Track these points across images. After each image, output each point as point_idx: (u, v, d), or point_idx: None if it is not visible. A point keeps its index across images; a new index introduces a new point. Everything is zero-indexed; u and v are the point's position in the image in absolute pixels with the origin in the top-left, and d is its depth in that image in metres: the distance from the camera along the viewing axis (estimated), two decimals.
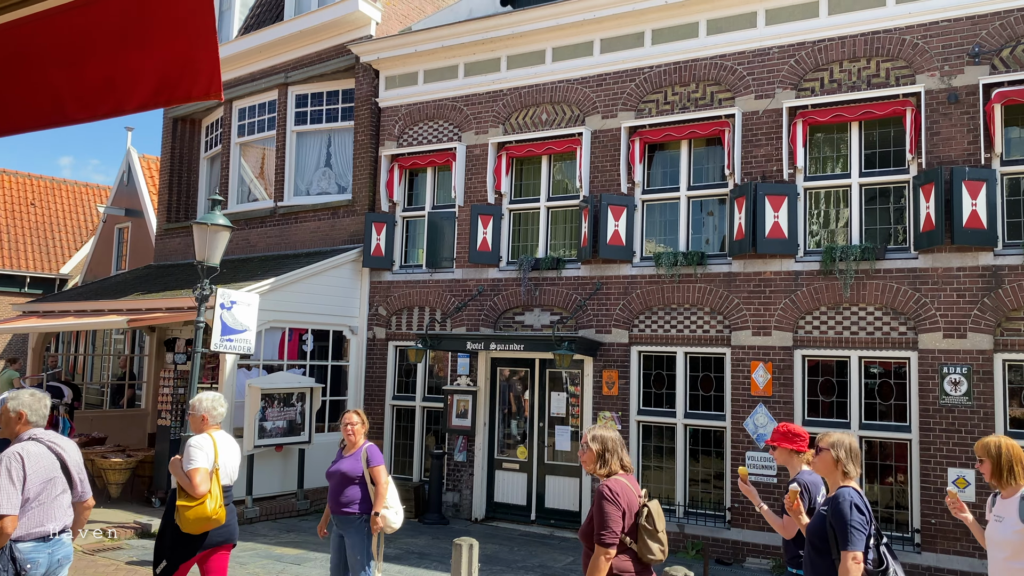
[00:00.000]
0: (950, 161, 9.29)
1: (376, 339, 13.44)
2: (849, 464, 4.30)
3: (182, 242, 16.61)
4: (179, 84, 1.91)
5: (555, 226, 12.22)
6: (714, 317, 10.61)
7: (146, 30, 1.94)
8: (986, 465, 4.53)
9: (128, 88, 2.00)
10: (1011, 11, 9.16)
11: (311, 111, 14.82)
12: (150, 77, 1.97)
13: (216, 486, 5.35)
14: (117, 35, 2.01)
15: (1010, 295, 8.89)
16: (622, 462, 4.48)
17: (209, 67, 1.85)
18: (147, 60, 1.95)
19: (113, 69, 2.01)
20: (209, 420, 5.59)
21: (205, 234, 9.97)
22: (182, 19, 1.87)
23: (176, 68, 1.91)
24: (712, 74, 10.91)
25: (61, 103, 2.14)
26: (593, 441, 4.49)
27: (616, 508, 4.24)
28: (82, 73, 2.08)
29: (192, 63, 1.88)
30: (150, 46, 1.94)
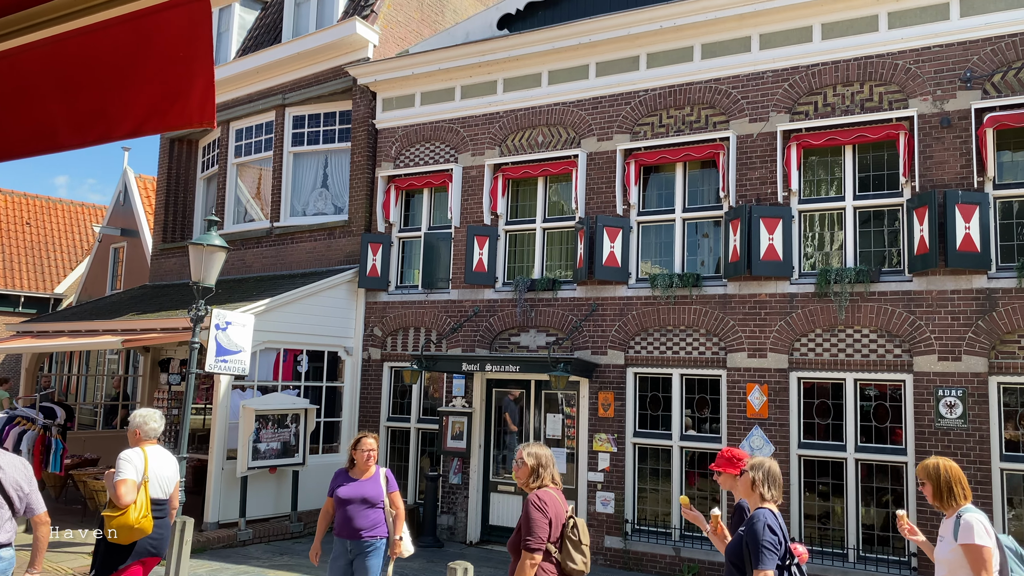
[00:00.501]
0: (943, 184, 9.35)
1: (371, 360, 13.41)
2: (767, 487, 4.49)
3: (178, 262, 16.60)
4: (170, 112, 1.91)
5: (551, 247, 12.24)
6: (710, 339, 10.62)
7: (142, 58, 1.95)
8: (928, 487, 4.63)
9: (119, 115, 2.01)
10: (1001, 37, 9.26)
11: (308, 132, 14.88)
12: (142, 104, 1.97)
13: (143, 497, 5.58)
14: (113, 63, 2.02)
15: (1004, 318, 8.92)
16: (553, 477, 4.81)
17: (203, 95, 1.86)
18: (140, 87, 1.96)
19: (107, 97, 2.02)
20: (141, 435, 5.88)
21: (201, 255, 9.97)
22: (180, 48, 1.88)
23: (169, 96, 1.91)
24: (707, 97, 10.99)
25: (54, 130, 2.14)
26: (528, 457, 4.80)
27: (543, 516, 4.53)
28: (76, 100, 2.09)
29: (186, 91, 1.88)
30: (145, 74, 1.95)
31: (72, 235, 26.66)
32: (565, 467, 11.49)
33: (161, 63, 1.92)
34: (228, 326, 10.62)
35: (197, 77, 1.86)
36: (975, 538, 4.28)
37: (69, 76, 2.10)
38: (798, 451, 9.86)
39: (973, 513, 4.40)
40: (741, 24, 10.73)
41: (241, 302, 12.03)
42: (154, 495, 5.69)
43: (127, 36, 1.98)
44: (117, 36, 2.00)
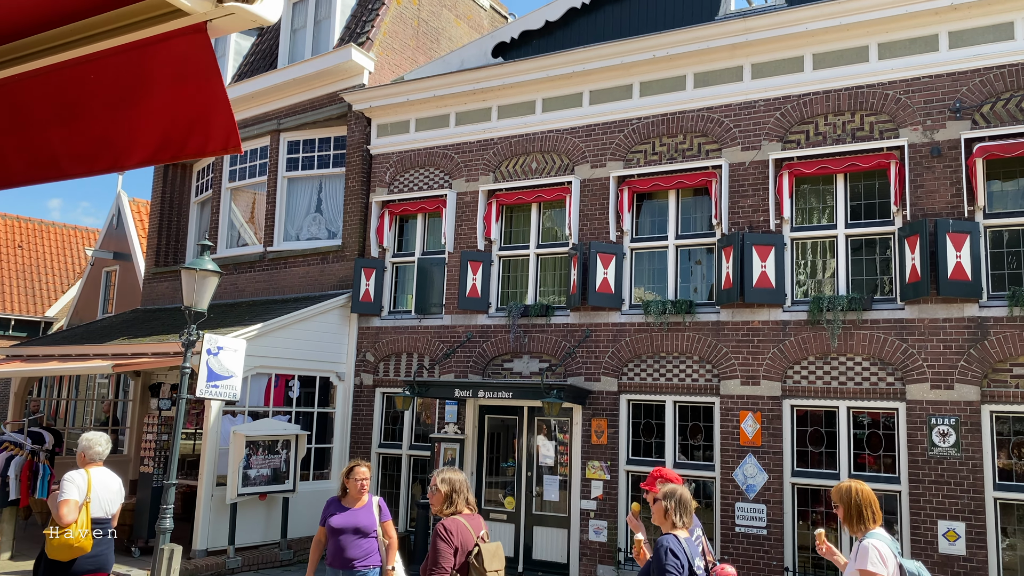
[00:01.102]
0: (934, 213, 9.41)
1: (363, 385, 13.35)
2: (678, 515, 4.73)
3: (170, 286, 16.55)
4: (189, 140, 1.92)
5: (544, 273, 12.26)
6: (703, 366, 10.61)
7: (144, 88, 1.96)
8: (840, 510, 4.71)
9: (126, 144, 2.02)
10: (990, 69, 9.38)
11: (303, 157, 14.92)
12: (151, 134, 1.98)
13: (84, 517, 5.91)
14: (113, 92, 2.03)
15: (996, 346, 8.94)
16: (467, 501, 4.91)
17: (223, 122, 1.87)
18: (147, 117, 1.97)
19: (110, 125, 2.02)
20: (87, 457, 6.28)
21: (193, 279, 9.95)
22: (184, 78, 1.89)
23: (182, 125, 1.92)
24: (699, 126, 11.08)
25: (55, 158, 2.15)
26: (442, 483, 4.89)
27: (448, 546, 4.63)
28: (77, 129, 2.09)
29: (203, 120, 1.89)
30: (150, 103, 1.95)
31: (64, 258, 26.58)
32: (558, 495, 11.41)
33: (166, 93, 1.93)
34: (220, 351, 10.57)
35: (213, 106, 1.87)
36: (868, 564, 4.41)
37: (68, 104, 2.11)
38: (791, 479, 9.82)
39: (875, 539, 4.49)
40: (733, 54, 10.84)
41: (233, 327, 11.99)
42: (96, 515, 6.03)
43: (125, 66, 1.99)
44: (115, 66, 2.01)
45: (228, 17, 1.82)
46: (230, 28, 1.87)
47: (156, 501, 11.40)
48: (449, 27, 16.49)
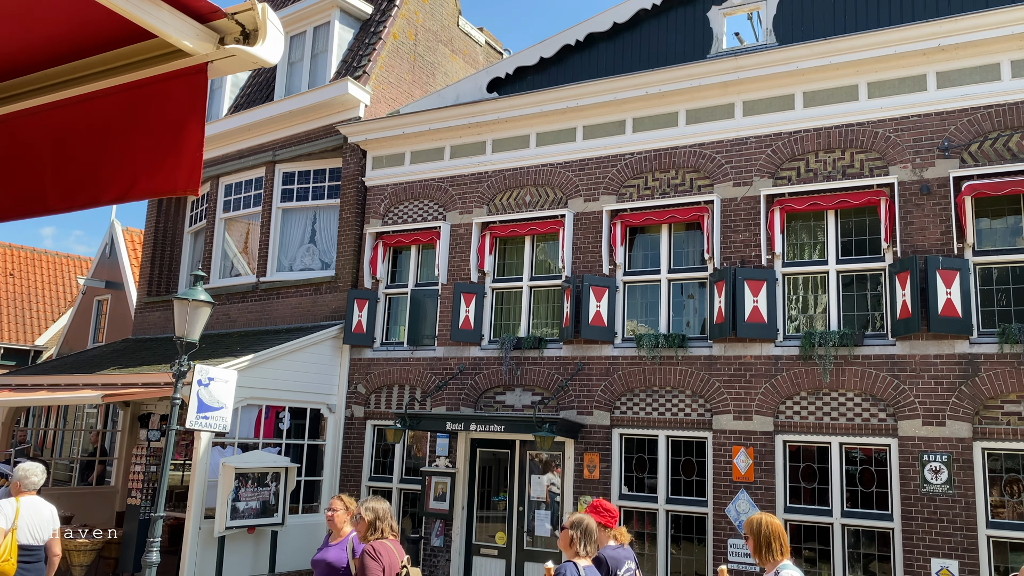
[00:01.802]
0: (924, 250, 9.49)
1: (354, 418, 13.27)
2: (582, 544, 4.90)
3: (162, 316, 16.50)
4: (156, 179, 1.93)
5: (537, 306, 12.27)
6: (695, 400, 10.60)
7: (138, 127, 1.98)
8: (751, 542, 4.78)
9: (109, 181, 2.03)
10: (977, 108, 9.53)
11: (297, 188, 14.98)
12: (130, 171, 1.99)
13: (10, 544, 6.27)
14: (109, 131, 2.05)
15: (987, 383, 8.97)
16: (392, 527, 5.17)
17: (191, 164, 1.88)
18: (131, 154, 1.98)
19: (99, 163, 2.04)
20: (21, 486, 6.63)
21: (186, 310, 9.93)
22: (174, 118, 1.91)
23: (156, 163, 1.93)
24: (691, 161, 11.18)
25: (43, 194, 2.16)
26: (366, 512, 5.15)
27: (377, 565, 4.89)
28: (68, 166, 2.11)
29: (174, 159, 1.91)
30: (138, 141, 1.97)
31: (56, 287, 26.49)
32: (549, 531, 11.32)
33: (154, 132, 1.95)
34: (211, 382, 10.51)
35: (186, 146, 1.89)
36: None
37: (64, 143, 2.13)
38: (784, 515, 9.78)
39: (788, 570, 4.57)
40: (725, 91, 10.99)
41: (224, 357, 11.94)
42: (24, 542, 6.40)
43: (124, 105, 2.01)
44: (114, 105, 2.03)
45: (229, 59, 1.85)
46: (231, 70, 1.90)
47: (143, 534, 11.26)
48: (445, 62, 16.68)
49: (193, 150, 1.87)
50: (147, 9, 1.77)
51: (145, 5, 1.77)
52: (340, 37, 15.36)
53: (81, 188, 2.08)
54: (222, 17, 1.83)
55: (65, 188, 2.12)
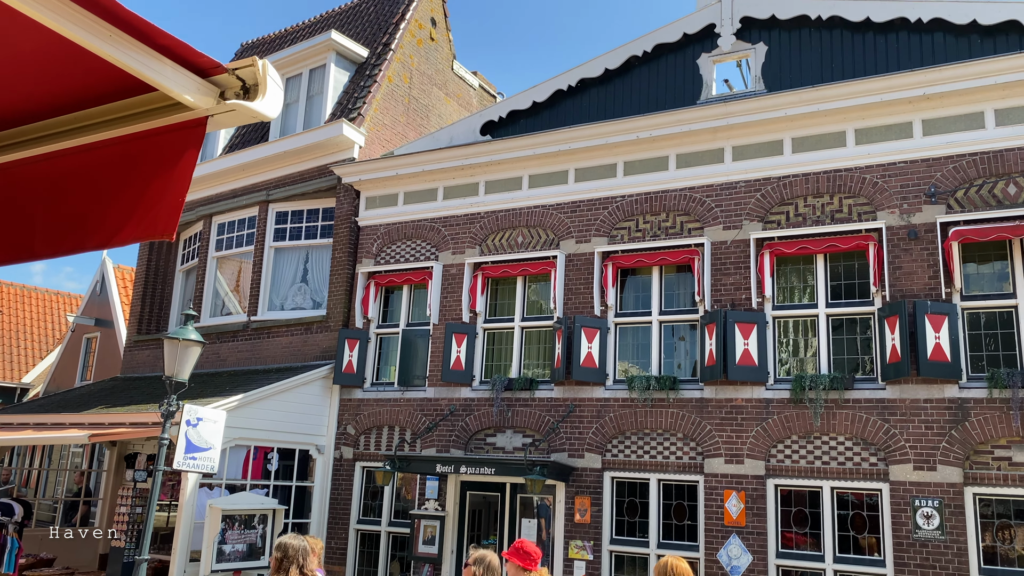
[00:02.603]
0: (913, 295, 9.57)
1: (343, 459, 13.16)
2: None
3: (151, 354, 16.41)
4: (139, 225, 1.95)
5: (529, 346, 12.27)
6: (687, 443, 10.57)
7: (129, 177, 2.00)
8: None
9: (95, 227, 2.05)
10: (963, 156, 9.69)
11: (290, 228, 15.04)
12: (117, 217, 2.01)
13: None
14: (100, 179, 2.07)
15: (977, 428, 8.99)
16: (302, 569, 5.00)
17: (170, 210, 1.91)
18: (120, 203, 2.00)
19: (88, 212, 2.06)
20: None
21: (176, 349, 9.88)
22: (166, 167, 1.94)
23: (140, 210, 1.96)
24: (681, 205, 11.30)
25: (31, 242, 2.18)
26: (276, 549, 5.05)
27: None
28: (57, 214, 2.13)
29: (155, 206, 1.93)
30: (127, 191, 1.99)
31: (45, 324, 26.34)
32: None
33: (145, 181, 1.98)
34: (199, 422, 10.43)
35: (169, 194, 1.91)
36: None
37: (57, 192, 2.15)
38: (776, 561, 9.69)
39: None
40: (714, 137, 11.15)
41: (213, 397, 11.86)
42: None
43: (120, 156, 2.04)
44: (111, 155, 2.06)
45: (229, 113, 1.89)
46: (230, 123, 1.94)
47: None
48: (439, 104, 16.88)
49: (175, 196, 1.90)
50: (150, 64, 1.81)
51: (148, 60, 1.81)
52: (336, 79, 15.55)
53: (67, 235, 2.10)
54: (223, 72, 1.88)
55: (53, 235, 2.14)
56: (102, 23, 1.74)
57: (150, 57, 1.79)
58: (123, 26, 1.76)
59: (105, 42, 1.75)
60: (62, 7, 1.67)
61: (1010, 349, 9.18)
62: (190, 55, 1.82)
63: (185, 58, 1.84)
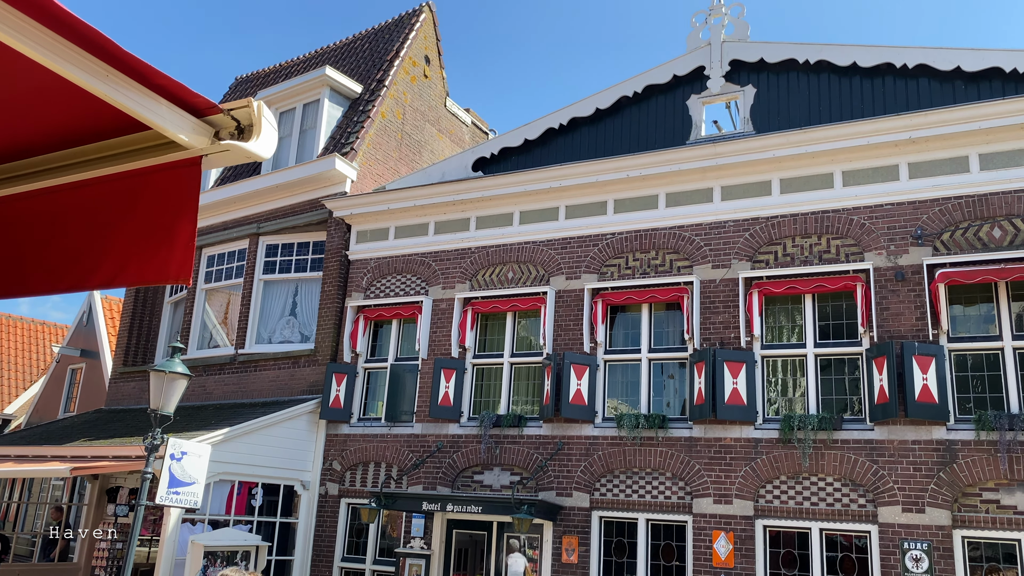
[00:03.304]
0: (900, 336, 9.62)
1: (328, 495, 13.00)
2: None
3: (137, 386, 16.26)
4: (147, 268, 1.96)
5: (518, 382, 12.23)
6: (675, 483, 10.51)
7: (127, 215, 2.01)
8: None
9: (93, 266, 2.05)
10: (948, 199, 9.81)
11: (280, 260, 15.02)
12: (118, 258, 2.02)
13: None
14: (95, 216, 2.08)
15: (964, 470, 8.98)
16: None
17: (183, 255, 1.92)
18: (120, 242, 2.01)
19: (84, 248, 2.07)
20: None
21: (162, 382, 9.80)
22: (166, 208, 1.95)
23: (148, 252, 1.96)
24: (671, 243, 11.37)
25: (26, 277, 2.17)
26: None
27: None
28: (53, 250, 2.13)
29: (167, 250, 1.94)
30: (127, 230, 2.00)
31: (29, 354, 26.09)
32: None
33: (145, 221, 1.98)
34: (183, 456, 10.31)
35: (179, 238, 1.92)
36: None
37: (50, 225, 2.15)
38: None
39: None
40: (704, 176, 11.26)
41: (199, 431, 11.73)
42: None
43: (116, 193, 2.05)
44: (106, 192, 2.07)
45: (223, 153, 1.90)
46: (225, 163, 1.95)
47: None
48: (432, 140, 17.01)
49: (185, 240, 1.91)
50: (145, 104, 1.82)
51: (143, 99, 1.83)
52: (329, 114, 15.67)
53: (65, 272, 2.10)
54: (218, 113, 1.89)
55: (49, 271, 2.14)
56: (99, 63, 1.76)
57: (146, 97, 1.81)
58: (120, 66, 1.77)
59: (102, 81, 1.76)
60: (60, 47, 1.69)
61: (997, 391, 9.22)
62: (186, 95, 1.84)
63: (181, 98, 1.86)
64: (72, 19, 1.62)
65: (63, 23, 1.63)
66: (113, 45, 1.71)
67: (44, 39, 1.66)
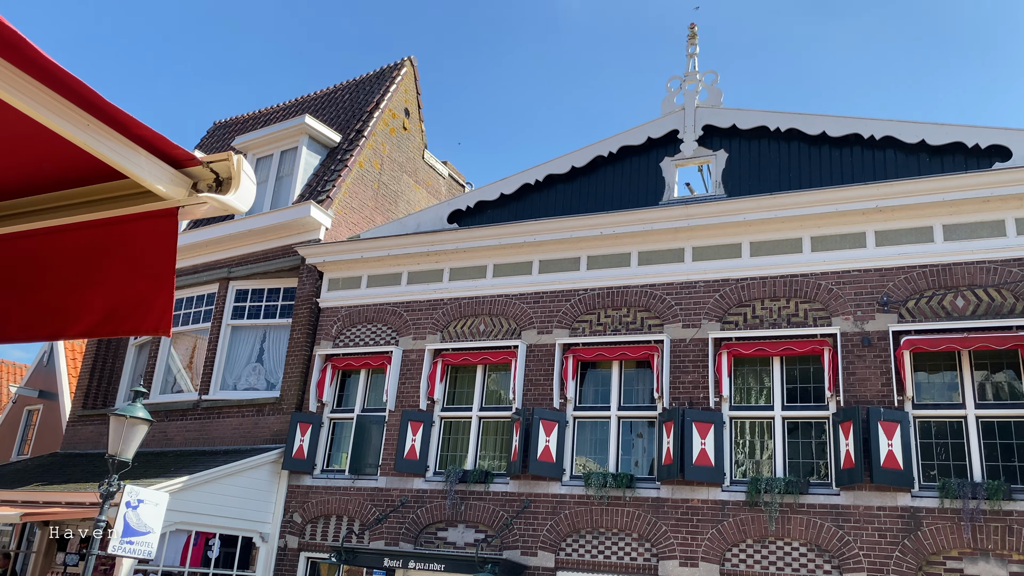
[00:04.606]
0: (866, 401, 9.70)
1: (287, 548, 12.67)
2: None
3: (95, 430, 15.85)
4: (128, 319, 1.94)
5: (486, 437, 12.11)
6: (642, 544, 10.39)
7: (105, 264, 1.99)
8: None
9: (73, 315, 2.02)
10: (913, 267, 10.03)
11: (249, 306, 14.87)
12: (98, 309, 1.99)
13: None
14: (73, 264, 2.06)
15: (929, 538, 8.99)
16: None
17: (161, 306, 1.90)
18: (101, 291, 1.99)
19: (62, 296, 2.04)
20: None
21: (122, 427, 9.57)
22: (144, 258, 1.93)
23: (128, 303, 1.94)
24: (642, 301, 11.45)
25: (4, 325, 2.13)
26: None
27: None
28: (32, 298, 2.10)
29: (145, 302, 1.92)
30: (107, 279, 1.98)
31: None
32: None
33: (124, 271, 1.96)
34: (140, 504, 10.02)
35: (159, 290, 1.90)
36: None
37: (29, 272, 2.12)
38: None
39: None
40: (675, 237, 11.41)
41: (157, 478, 11.43)
42: None
43: (90, 239, 2.03)
44: (81, 238, 2.05)
45: (200, 205, 1.90)
46: (201, 214, 1.94)
47: None
48: (408, 191, 17.11)
49: (165, 292, 1.89)
50: (124, 154, 1.82)
51: (122, 149, 1.82)
52: (306, 162, 15.72)
53: (44, 320, 2.07)
54: (197, 164, 1.89)
55: (27, 319, 2.10)
56: (79, 111, 1.75)
57: (125, 147, 1.81)
58: (99, 115, 1.77)
59: (81, 130, 1.76)
60: (40, 95, 1.68)
61: (960, 459, 9.30)
62: (165, 146, 1.84)
63: (160, 149, 1.85)
64: (53, 67, 1.62)
65: (44, 70, 1.63)
66: (94, 94, 1.71)
67: (24, 86, 1.66)
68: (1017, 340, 9.07)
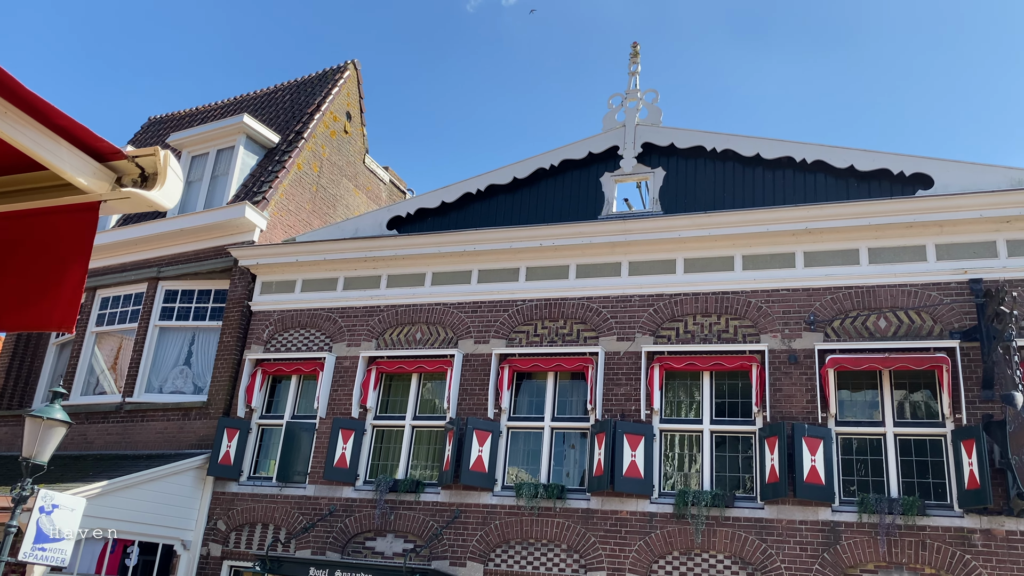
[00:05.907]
0: (792, 417, 9.96)
1: (210, 556, 12.33)
2: None
3: (9, 432, 15.18)
4: (29, 314, 1.86)
5: (419, 446, 12.02)
6: (570, 555, 10.44)
7: (15, 258, 1.91)
8: None
9: None
10: (839, 288, 10.35)
11: (179, 307, 14.48)
12: (5, 300, 1.91)
13: None
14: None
15: (847, 551, 9.26)
16: None
17: (69, 301, 1.83)
18: (4, 285, 1.91)
19: None
20: None
21: (38, 429, 9.18)
22: (56, 254, 1.86)
23: (32, 296, 1.87)
24: (579, 313, 11.54)
25: None
26: None
27: None
28: None
29: (52, 295, 1.85)
30: (10, 274, 1.90)
31: None
32: None
33: (32, 264, 1.89)
34: (54, 509, 9.62)
35: (66, 284, 1.83)
36: None
37: None
38: None
39: None
40: (613, 251, 11.55)
41: (74, 483, 11.00)
42: None
43: (5, 232, 1.95)
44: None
45: (124, 200, 1.84)
46: (124, 210, 1.88)
47: None
48: (347, 195, 16.93)
49: (73, 287, 1.82)
50: (44, 144, 1.75)
51: (42, 140, 1.76)
52: (243, 162, 15.42)
53: None
54: (122, 159, 1.84)
55: None
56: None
57: (45, 137, 1.74)
58: (18, 103, 1.70)
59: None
60: None
61: (879, 475, 9.61)
62: (88, 138, 1.78)
63: (83, 141, 1.79)
64: None
65: None
66: (12, 81, 1.64)
67: None
68: (934, 361, 9.44)
